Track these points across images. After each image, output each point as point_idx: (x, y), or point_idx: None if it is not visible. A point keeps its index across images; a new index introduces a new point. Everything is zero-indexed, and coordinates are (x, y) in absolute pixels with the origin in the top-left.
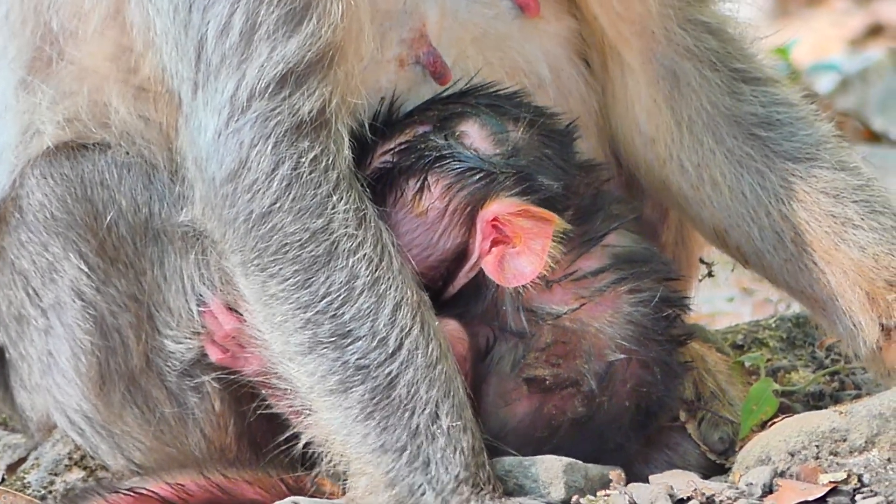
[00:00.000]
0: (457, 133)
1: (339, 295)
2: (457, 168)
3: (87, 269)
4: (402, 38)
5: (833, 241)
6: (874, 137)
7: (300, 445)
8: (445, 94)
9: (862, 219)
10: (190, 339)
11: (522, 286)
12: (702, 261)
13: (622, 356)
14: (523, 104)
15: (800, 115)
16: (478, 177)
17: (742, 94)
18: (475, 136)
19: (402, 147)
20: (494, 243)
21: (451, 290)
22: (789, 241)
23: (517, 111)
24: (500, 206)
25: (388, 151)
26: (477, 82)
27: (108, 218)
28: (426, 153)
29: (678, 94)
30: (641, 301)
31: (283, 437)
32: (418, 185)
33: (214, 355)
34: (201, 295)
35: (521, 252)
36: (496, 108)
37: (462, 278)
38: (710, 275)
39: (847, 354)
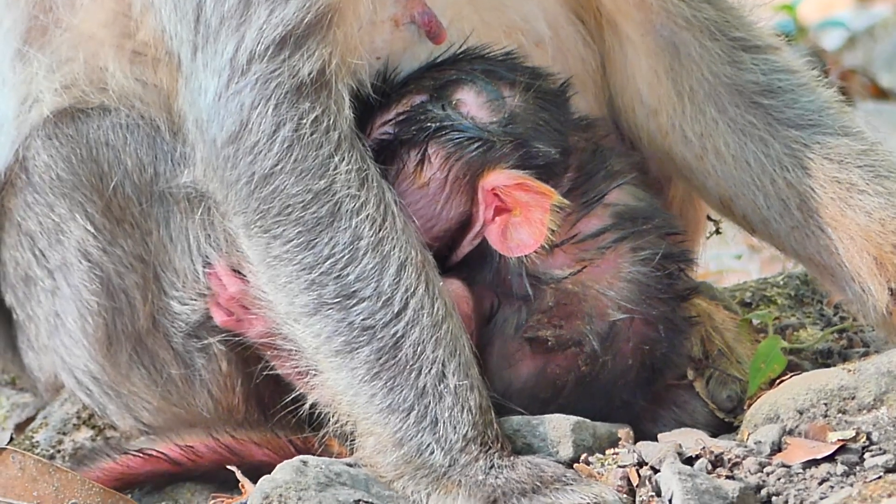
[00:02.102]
0: (454, 102)
1: (343, 256)
2: (455, 138)
3: (93, 230)
4: None
5: (839, 207)
6: (881, 94)
7: (307, 406)
8: (439, 59)
9: (867, 183)
10: (195, 300)
11: (526, 255)
12: (709, 218)
13: (624, 315)
14: (518, 67)
15: (801, 81)
16: (476, 146)
17: (742, 62)
18: (472, 103)
19: (401, 118)
20: (497, 211)
21: (455, 257)
22: (795, 208)
23: (512, 75)
24: (499, 178)
25: (387, 122)
26: (470, 46)
27: (114, 178)
28: (425, 124)
29: (679, 64)
30: (643, 259)
31: (291, 397)
32: (419, 156)
33: (219, 318)
34: (207, 256)
35: (522, 223)
36: (491, 73)
37: (466, 246)
38: (717, 232)
39: (856, 322)
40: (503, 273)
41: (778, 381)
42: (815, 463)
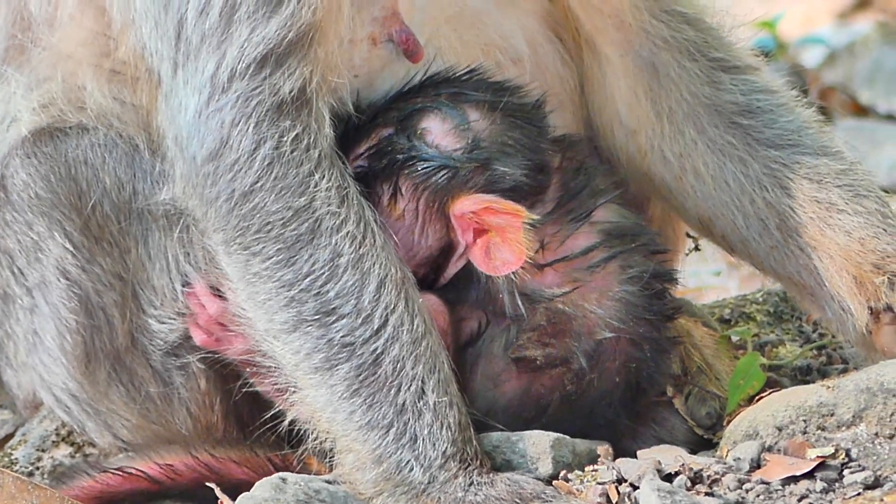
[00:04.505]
0: (418, 131)
1: (323, 273)
2: (421, 168)
3: (71, 248)
4: (375, 17)
5: (818, 227)
6: (861, 111)
7: (286, 423)
8: (406, 88)
9: (846, 203)
10: (174, 319)
11: (513, 272)
12: (689, 235)
13: (612, 334)
14: (484, 84)
15: (780, 101)
16: (441, 174)
17: (721, 83)
18: (436, 131)
19: (371, 152)
20: (477, 234)
21: (442, 280)
22: (774, 228)
23: (479, 95)
24: (465, 204)
25: (358, 157)
26: (434, 70)
27: (93, 197)
28: (393, 156)
29: (658, 85)
30: (631, 278)
31: (270, 414)
32: (391, 189)
33: (199, 338)
34: (186, 275)
35: (501, 243)
36: (457, 95)
37: (451, 268)
38: (696, 248)
39: (835, 339)
40: (493, 292)
41: (757, 397)
42: (794, 479)
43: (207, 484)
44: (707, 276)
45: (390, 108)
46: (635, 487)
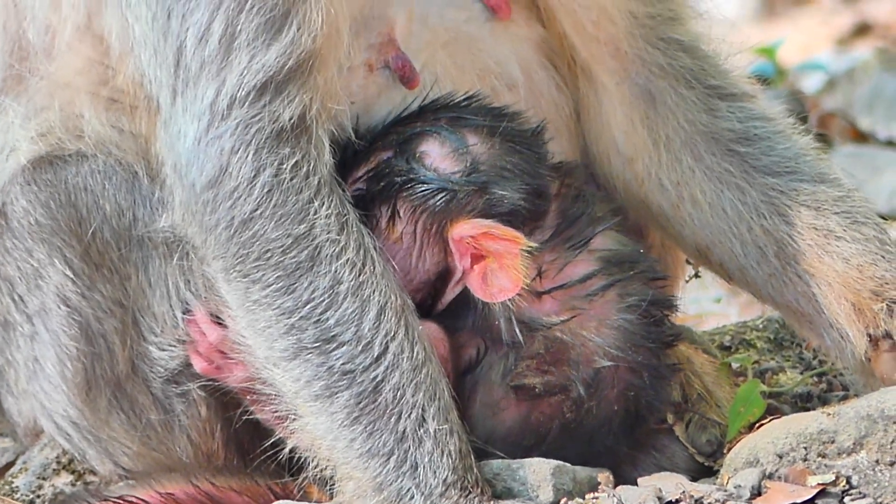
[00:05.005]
0: (417, 154)
1: (323, 300)
2: (420, 191)
3: (72, 275)
4: (371, 44)
5: (816, 254)
6: (861, 137)
7: (287, 451)
8: (405, 114)
9: (844, 230)
10: (174, 346)
11: (510, 299)
12: (688, 262)
13: (610, 363)
14: (483, 109)
15: (777, 128)
16: (439, 198)
17: (718, 110)
18: (435, 155)
19: (370, 175)
20: (474, 259)
21: (440, 305)
22: (772, 255)
23: (478, 120)
24: (464, 228)
25: (357, 180)
26: (434, 96)
27: (93, 223)
28: (392, 179)
29: (654, 113)
30: (630, 306)
31: (270, 442)
32: (389, 212)
33: (199, 365)
34: (186, 302)
35: (499, 269)
36: (456, 120)
37: (449, 294)
38: (696, 275)
39: (835, 365)
40: (490, 319)
41: (757, 424)
42: None
43: None
44: (707, 303)
45: (389, 133)
46: None
